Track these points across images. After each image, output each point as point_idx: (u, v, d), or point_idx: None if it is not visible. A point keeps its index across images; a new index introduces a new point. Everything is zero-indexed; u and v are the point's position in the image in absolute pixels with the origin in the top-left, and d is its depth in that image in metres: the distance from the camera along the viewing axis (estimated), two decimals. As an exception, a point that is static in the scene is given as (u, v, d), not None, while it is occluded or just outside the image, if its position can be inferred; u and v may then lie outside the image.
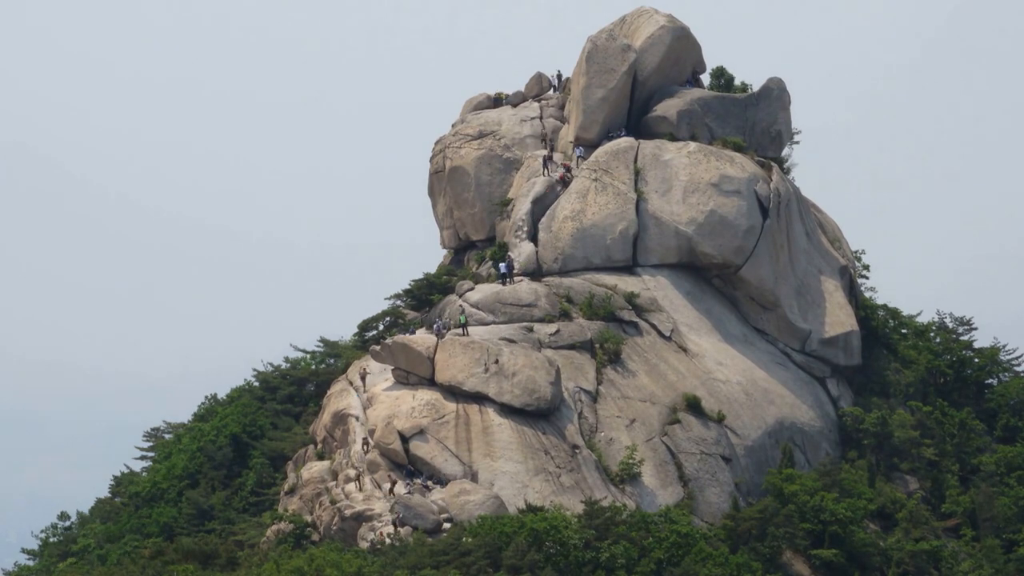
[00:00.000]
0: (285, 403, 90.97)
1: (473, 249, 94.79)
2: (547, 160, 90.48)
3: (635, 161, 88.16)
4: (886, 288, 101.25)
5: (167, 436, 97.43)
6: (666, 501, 72.56)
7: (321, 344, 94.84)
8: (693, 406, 78.18)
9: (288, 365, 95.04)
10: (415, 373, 75.88)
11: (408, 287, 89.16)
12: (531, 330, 79.34)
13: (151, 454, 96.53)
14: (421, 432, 72.56)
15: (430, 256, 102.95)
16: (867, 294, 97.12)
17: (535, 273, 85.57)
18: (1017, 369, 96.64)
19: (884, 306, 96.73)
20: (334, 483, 74.04)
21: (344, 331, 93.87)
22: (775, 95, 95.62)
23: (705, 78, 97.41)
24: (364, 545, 67.97)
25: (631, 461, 73.50)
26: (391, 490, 70.68)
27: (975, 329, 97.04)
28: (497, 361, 74.33)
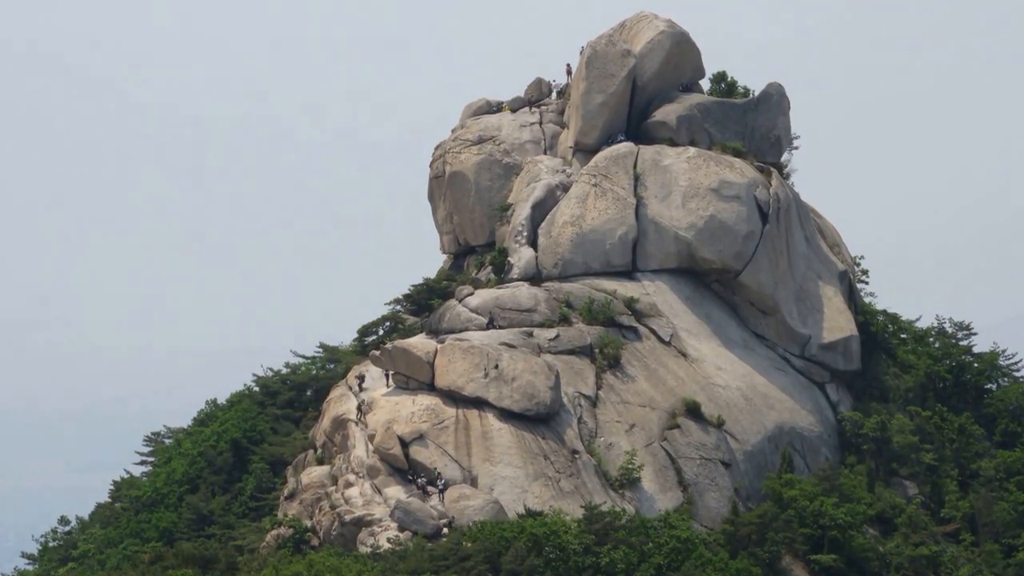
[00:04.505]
0: (285, 408, 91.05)
1: (473, 254, 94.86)
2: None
3: (635, 166, 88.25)
4: (885, 289, 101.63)
5: (167, 441, 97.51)
6: (665, 506, 72.56)
7: (321, 349, 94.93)
8: (693, 411, 78.19)
9: (288, 370, 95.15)
10: (415, 378, 75.87)
11: (408, 292, 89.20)
12: (531, 335, 79.36)
13: (151, 459, 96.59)
14: (421, 437, 72.54)
15: (430, 261, 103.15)
16: (866, 299, 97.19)
17: (535, 278, 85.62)
18: (1016, 374, 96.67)
19: (883, 311, 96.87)
20: (334, 488, 73.99)
21: (344, 336, 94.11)
22: (774, 100, 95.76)
23: (705, 83, 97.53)
24: (364, 550, 67.93)
25: (631, 466, 73.49)
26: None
27: (974, 334, 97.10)
28: (497, 366, 74.32)
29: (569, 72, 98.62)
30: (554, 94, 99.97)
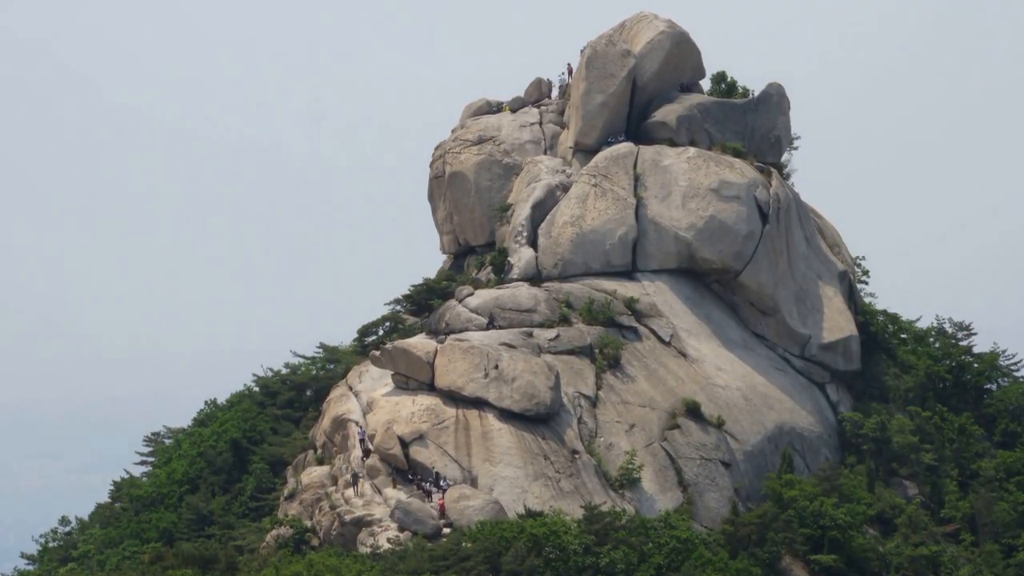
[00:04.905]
0: (285, 408, 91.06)
1: (473, 254, 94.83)
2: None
3: (635, 166, 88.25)
4: (885, 290, 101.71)
5: (167, 441, 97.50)
6: (665, 506, 72.53)
7: (321, 349, 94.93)
8: (693, 411, 78.17)
9: (288, 370, 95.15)
10: (415, 378, 75.83)
11: (408, 292, 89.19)
12: (531, 335, 79.33)
13: (151, 459, 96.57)
14: (421, 437, 72.51)
15: (430, 261, 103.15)
16: (866, 299, 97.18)
17: (535, 278, 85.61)
18: (1016, 374, 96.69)
19: (883, 311, 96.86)
20: (334, 488, 73.98)
21: (344, 336, 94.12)
22: (774, 100, 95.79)
23: (705, 83, 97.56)
24: (364, 550, 67.91)
25: (630, 466, 73.46)
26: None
27: (974, 334, 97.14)
28: (497, 366, 74.29)
29: (570, 72, 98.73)
30: (555, 91, 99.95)
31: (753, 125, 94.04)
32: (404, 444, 72.43)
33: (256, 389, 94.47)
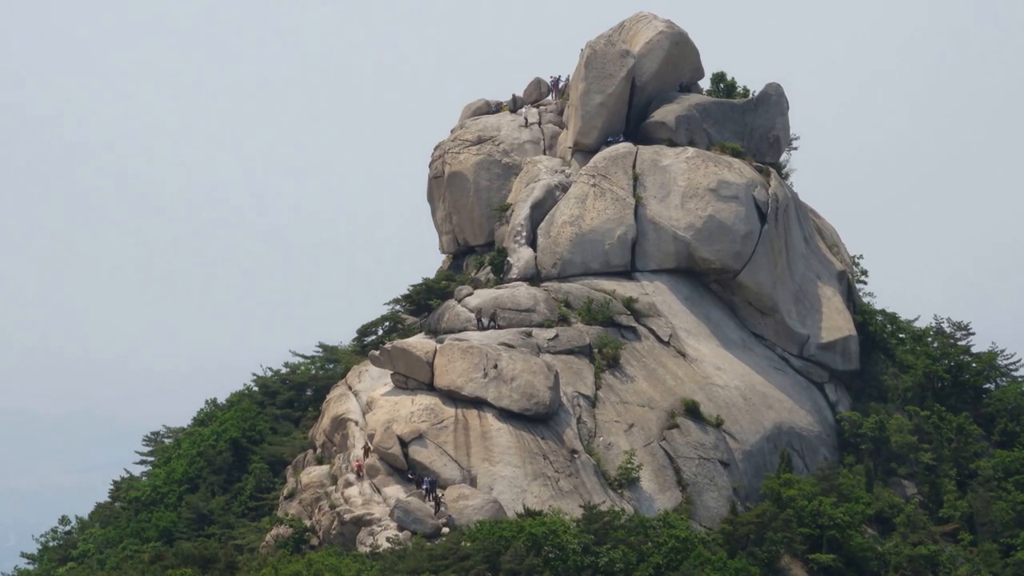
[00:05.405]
0: (285, 408, 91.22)
1: (472, 254, 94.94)
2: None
3: (633, 166, 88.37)
4: (885, 291, 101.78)
5: (167, 441, 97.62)
6: (664, 506, 72.66)
7: (320, 349, 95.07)
8: (691, 411, 78.31)
9: (287, 370, 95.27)
10: (414, 378, 75.95)
11: (407, 292, 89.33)
12: (530, 335, 79.46)
13: (151, 459, 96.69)
14: (420, 437, 72.64)
15: (429, 261, 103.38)
16: (865, 299, 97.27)
17: (534, 278, 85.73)
18: (1015, 374, 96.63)
19: (882, 311, 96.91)
20: (333, 487, 74.11)
21: (343, 336, 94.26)
22: (773, 100, 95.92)
23: (704, 83, 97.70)
24: (363, 549, 68.00)
25: (629, 466, 73.59)
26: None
27: (973, 334, 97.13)
28: (496, 366, 74.40)
29: (555, 87, 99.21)
30: (552, 95, 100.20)
31: (752, 125, 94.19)
32: (403, 444, 72.56)
33: (256, 389, 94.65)
